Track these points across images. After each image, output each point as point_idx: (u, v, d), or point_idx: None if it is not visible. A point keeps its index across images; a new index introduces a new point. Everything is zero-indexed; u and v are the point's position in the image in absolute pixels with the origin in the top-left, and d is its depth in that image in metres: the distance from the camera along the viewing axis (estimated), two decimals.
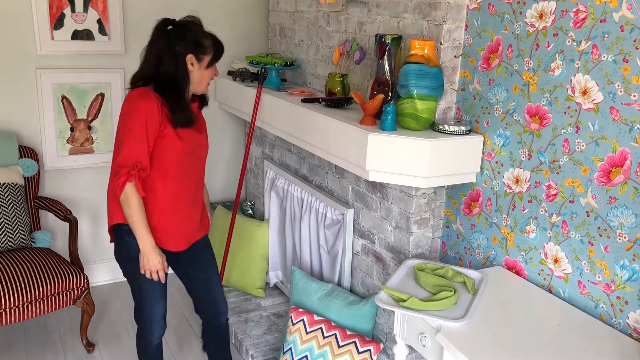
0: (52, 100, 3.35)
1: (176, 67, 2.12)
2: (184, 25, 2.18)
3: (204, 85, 2.23)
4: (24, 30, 3.23)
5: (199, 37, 2.16)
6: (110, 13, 3.38)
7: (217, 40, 2.23)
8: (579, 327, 1.83)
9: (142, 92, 2.11)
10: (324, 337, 2.58)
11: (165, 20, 2.18)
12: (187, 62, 2.15)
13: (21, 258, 2.91)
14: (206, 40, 2.18)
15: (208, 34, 2.21)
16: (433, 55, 2.17)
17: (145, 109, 2.06)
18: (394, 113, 2.18)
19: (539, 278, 2.10)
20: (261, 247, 3.42)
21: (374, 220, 2.65)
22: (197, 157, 2.30)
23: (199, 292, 2.47)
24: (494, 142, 2.23)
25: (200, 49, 2.15)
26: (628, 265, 1.77)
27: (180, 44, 2.12)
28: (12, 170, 3.07)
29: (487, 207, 2.29)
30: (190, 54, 2.14)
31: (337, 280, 2.91)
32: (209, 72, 2.22)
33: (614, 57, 1.75)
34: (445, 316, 1.83)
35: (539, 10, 1.98)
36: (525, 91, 2.07)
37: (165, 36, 2.14)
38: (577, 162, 1.90)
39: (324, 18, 3.02)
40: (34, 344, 3.10)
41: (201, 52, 2.16)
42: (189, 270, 2.42)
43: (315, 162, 3.07)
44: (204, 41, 2.17)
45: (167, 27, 2.17)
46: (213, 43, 2.20)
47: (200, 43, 2.16)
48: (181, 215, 2.27)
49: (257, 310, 3.32)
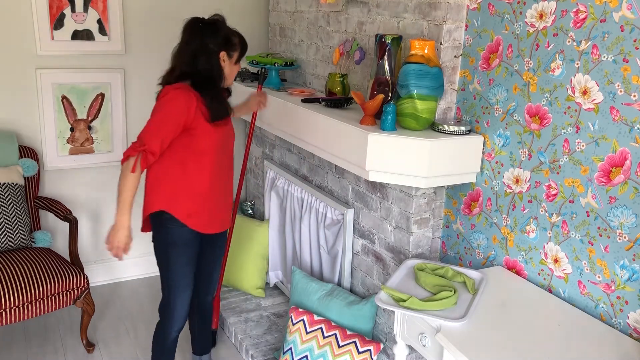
0: (52, 100, 3.35)
1: (211, 64, 2.26)
2: (214, 23, 2.30)
3: (231, 79, 2.38)
4: (24, 30, 3.23)
5: (229, 35, 2.31)
6: (110, 13, 3.38)
7: (242, 37, 2.37)
8: (579, 327, 1.83)
9: (181, 86, 2.23)
10: (324, 337, 2.58)
11: (196, 19, 2.29)
12: (220, 59, 2.28)
13: (21, 258, 2.91)
14: (234, 37, 2.33)
15: (235, 32, 2.35)
16: (433, 55, 2.17)
17: (182, 102, 2.19)
18: (394, 113, 2.18)
19: (539, 278, 2.10)
20: (261, 247, 3.42)
21: (374, 220, 2.65)
22: (228, 146, 2.45)
23: (201, 271, 2.60)
24: (494, 142, 2.23)
25: (231, 46, 2.30)
26: (628, 265, 1.78)
27: (213, 41, 2.25)
28: (12, 170, 3.07)
29: (487, 207, 2.29)
30: (222, 51, 2.28)
31: (337, 280, 2.91)
32: (237, 67, 2.38)
33: (614, 57, 1.75)
34: (445, 316, 1.83)
35: (539, 10, 1.98)
36: (525, 91, 2.07)
37: (199, 34, 2.25)
38: (577, 162, 1.90)
39: (324, 18, 3.02)
40: (34, 344, 3.10)
41: (231, 48, 2.31)
42: (206, 251, 2.55)
43: (315, 162, 3.07)
44: (233, 38, 2.32)
45: (199, 25, 2.28)
46: (240, 40, 2.35)
47: (230, 40, 2.30)
48: (216, 201, 2.41)
49: (257, 310, 3.32)
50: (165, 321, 2.47)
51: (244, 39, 2.38)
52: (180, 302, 2.43)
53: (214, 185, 2.37)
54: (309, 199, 3.06)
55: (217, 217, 2.45)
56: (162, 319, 2.48)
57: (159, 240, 2.39)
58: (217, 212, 2.44)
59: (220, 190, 2.42)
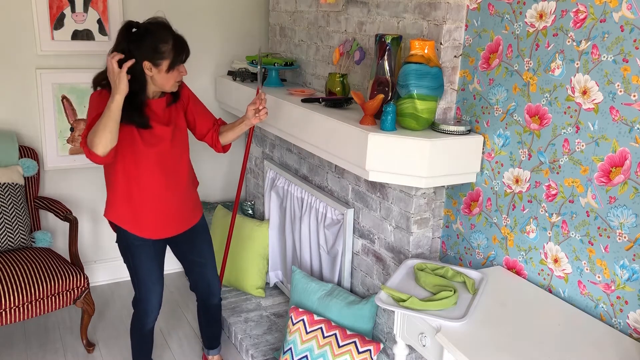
0: (52, 100, 3.35)
1: (132, 72, 2.13)
2: (146, 29, 2.17)
3: (168, 86, 2.25)
4: (24, 30, 3.23)
5: (157, 42, 2.15)
6: (110, 13, 3.39)
7: (178, 43, 2.20)
8: (579, 327, 1.83)
9: (99, 93, 2.22)
10: (324, 337, 2.58)
11: (129, 23, 2.19)
12: (144, 68, 2.17)
13: (21, 258, 2.91)
14: (165, 45, 2.16)
15: (170, 37, 2.18)
16: (433, 55, 2.17)
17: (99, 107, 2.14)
18: (394, 113, 2.18)
19: (539, 278, 2.10)
20: (261, 247, 3.42)
21: (374, 220, 2.65)
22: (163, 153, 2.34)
23: (195, 274, 2.65)
24: (494, 142, 2.23)
25: (157, 54, 2.16)
26: (628, 265, 1.78)
27: (137, 50, 2.13)
28: (12, 170, 3.07)
29: (487, 207, 2.29)
30: (146, 61, 2.15)
31: (337, 280, 2.91)
32: (172, 75, 2.23)
33: (614, 57, 1.75)
34: (445, 316, 1.83)
35: (539, 10, 1.98)
36: (525, 91, 2.07)
37: (125, 40, 2.15)
38: (577, 162, 1.90)
39: (324, 18, 3.02)
40: (34, 344, 3.10)
41: (158, 57, 2.16)
42: (187, 254, 2.61)
43: (315, 162, 3.07)
44: (162, 46, 2.16)
45: (130, 31, 2.17)
46: (173, 47, 2.18)
47: (157, 49, 2.15)
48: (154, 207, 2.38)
49: (257, 310, 3.32)
50: (137, 314, 2.55)
51: (181, 45, 2.21)
52: (150, 297, 2.49)
53: (153, 187, 2.34)
54: (309, 199, 3.06)
55: (162, 220, 2.42)
56: (135, 312, 2.56)
57: (118, 243, 2.47)
58: (161, 215, 2.40)
59: (165, 191, 2.37)
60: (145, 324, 2.55)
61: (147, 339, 2.63)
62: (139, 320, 2.55)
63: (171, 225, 2.47)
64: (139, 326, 2.56)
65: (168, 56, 2.17)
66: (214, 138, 2.52)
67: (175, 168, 2.41)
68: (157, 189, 2.36)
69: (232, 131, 2.51)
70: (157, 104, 2.31)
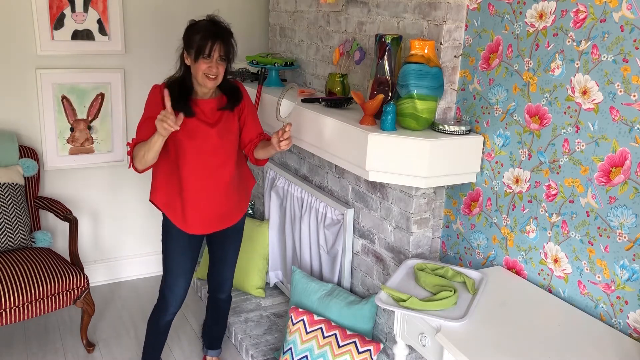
0: (52, 100, 3.35)
1: (180, 62, 2.39)
2: (194, 23, 2.34)
3: (198, 78, 2.32)
4: (24, 30, 3.22)
5: (193, 33, 2.30)
6: (110, 13, 3.38)
7: (206, 35, 2.26)
8: (579, 327, 1.83)
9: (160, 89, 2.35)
10: (324, 337, 2.58)
11: (191, 20, 2.37)
12: (185, 58, 2.35)
13: (21, 258, 2.91)
14: (196, 35, 2.28)
15: (202, 29, 2.28)
16: (433, 55, 2.17)
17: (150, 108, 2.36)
18: (394, 113, 2.18)
19: (539, 278, 2.10)
20: (261, 247, 3.42)
21: (374, 220, 2.65)
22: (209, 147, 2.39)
23: (213, 267, 2.74)
24: (494, 142, 2.23)
25: (189, 44, 2.31)
26: (628, 265, 1.78)
27: (183, 40, 2.34)
28: (12, 170, 3.07)
29: (487, 207, 2.29)
30: (184, 50, 2.35)
31: (337, 280, 2.91)
32: (200, 65, 2.29)
33: (614, 57, 1.75)
34: (445, 316, 1.83)
35: (539, 10, 1.98)
36: (525, 91, 2.07)
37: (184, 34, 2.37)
38: (577, 162, 1.90)
39: (324, 18, 3.02)
40: (34, 344, 3.10)
41: (189, 46, 2.31)
42: (216, 250, 2.69)
43: (315, 162, 3.07)
44: (195, 37, 2.28)
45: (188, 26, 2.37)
46: (201, 38, 2.27)
47: (191, 39, 2.30)
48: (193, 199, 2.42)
49: (257, 310, 3.32)
50: (160, 303, 2.58)
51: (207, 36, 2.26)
52: (174, 287, 2.53)
53: (189, 183, 2.39)
54: (309, 199, 3.06)
55: (195, 217, 2.44)
56: (158, 301, 2.59)
57: (162, 225, 2.54)
58: (194, 211, 2.43)
59: (201, 190, 2.41)
60: (164, 315, 2.57)
61: (161, 334, 2.64)
62: (159, 309, 2.58)
63: (202, 224, 2.49)
64: (157, 317, 2.59)
65: (195, 45, 2.29)
66: (250, 150, 2.54)
67: (215, 172, 2.42)
68: (192, 186, 2.40)
69: (263, 150, 2.48)
70: (205, 104, 2.39)
